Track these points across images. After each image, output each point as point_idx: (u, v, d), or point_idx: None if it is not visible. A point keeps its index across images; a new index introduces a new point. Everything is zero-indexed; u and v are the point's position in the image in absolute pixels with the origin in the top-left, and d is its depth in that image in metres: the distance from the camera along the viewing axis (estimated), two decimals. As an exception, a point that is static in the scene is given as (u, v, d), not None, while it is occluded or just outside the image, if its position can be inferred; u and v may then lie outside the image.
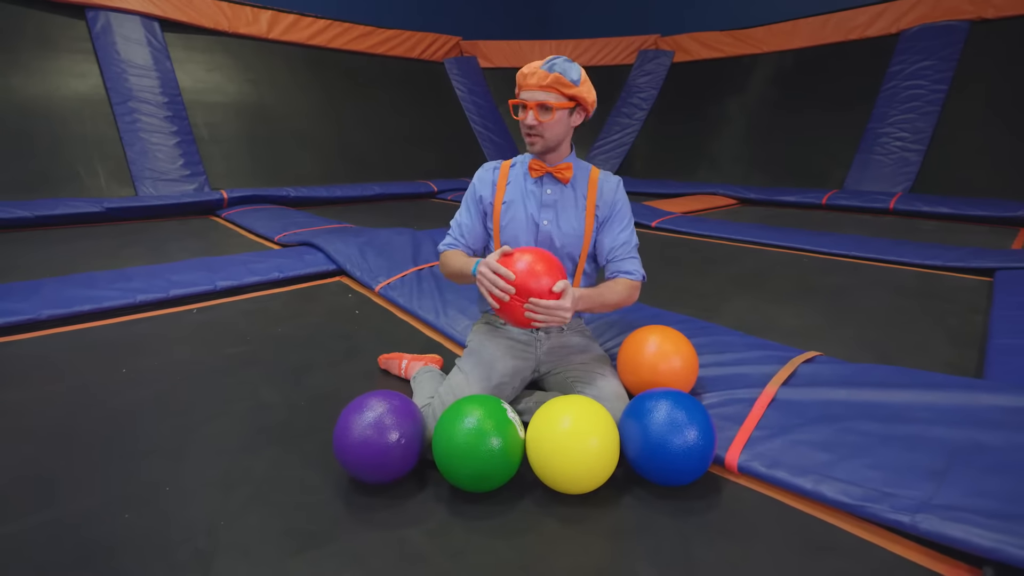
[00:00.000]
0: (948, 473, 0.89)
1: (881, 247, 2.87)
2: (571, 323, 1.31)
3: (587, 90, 1.19)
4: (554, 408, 1.01)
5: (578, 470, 0.95)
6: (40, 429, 1.20)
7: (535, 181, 1.26)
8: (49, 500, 0.96)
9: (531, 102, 1.16)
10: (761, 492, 1.01)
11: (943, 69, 5.06)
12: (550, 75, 1.14)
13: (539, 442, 0.98)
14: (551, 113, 1.15)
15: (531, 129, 1.17)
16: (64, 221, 3.83)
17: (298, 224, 3.51)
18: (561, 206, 1.25)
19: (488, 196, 1.28)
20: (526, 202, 1.25)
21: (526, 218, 1.24)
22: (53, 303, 1.78)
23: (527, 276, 1.06)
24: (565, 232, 1.24)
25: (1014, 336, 1.51)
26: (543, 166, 1.23)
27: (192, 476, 1.04)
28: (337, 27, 6.69)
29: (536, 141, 1.19)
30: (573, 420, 0.98)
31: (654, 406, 1.00)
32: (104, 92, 4.84)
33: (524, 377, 1.25)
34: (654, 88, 7.52)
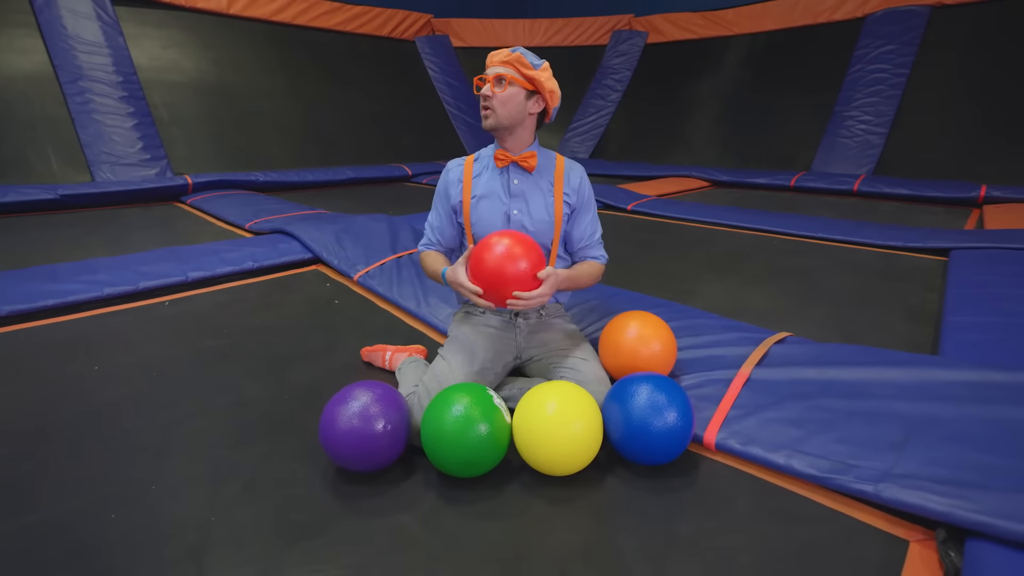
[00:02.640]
0: (906, 445, 0.96)
1: (846, 229, 2.98)
2: (550, 308, 1.34)
3: (546, 77, 1.19)
4: (539, 393, 1.04)
5: (564, 453, 0.99)
6: (13, 430, 1.16)
7: (501, 172, 1.26)
8: (31, 502, 0.94)
9: (489, 75, 1.19)
10: (737, 468, 1.07)
11: (905, 53, 5.22)
12: (512, 54, 1.18)
13: (525, 427, 1.00)
14: (504, 85, 1.17)
15: (485, 100, 1.18)
16: (14, 209, 3.62)
17: (269, 211, 3.42)
18: (530, 195, 1.25)
19: (456, 195, 1.27)
20: (494, 194, 1.25)
21: (496, 210, 1.24)
22: (13, 298, 1.70)
23: (505, 260, 1.07)
24: (536, 220, 1.24)
25: (965, 314, 1.60)
26: (508, 155, 1.23)
27: (178, 473, 1.03)
28: (301, 2, 6.42)
29: (488, 115, 1.19)
30: (558, 405, 1.01)
31: (636, 390, 1.04)
32: (52, 70, 4.55)
33: (506, 363, 1.27)
34: (628, 69, 7.51)
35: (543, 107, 1.23)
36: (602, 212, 3.94)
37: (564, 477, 1.03)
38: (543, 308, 1.31)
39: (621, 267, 2.44)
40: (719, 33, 6.81)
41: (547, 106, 1.23)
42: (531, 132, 1.25)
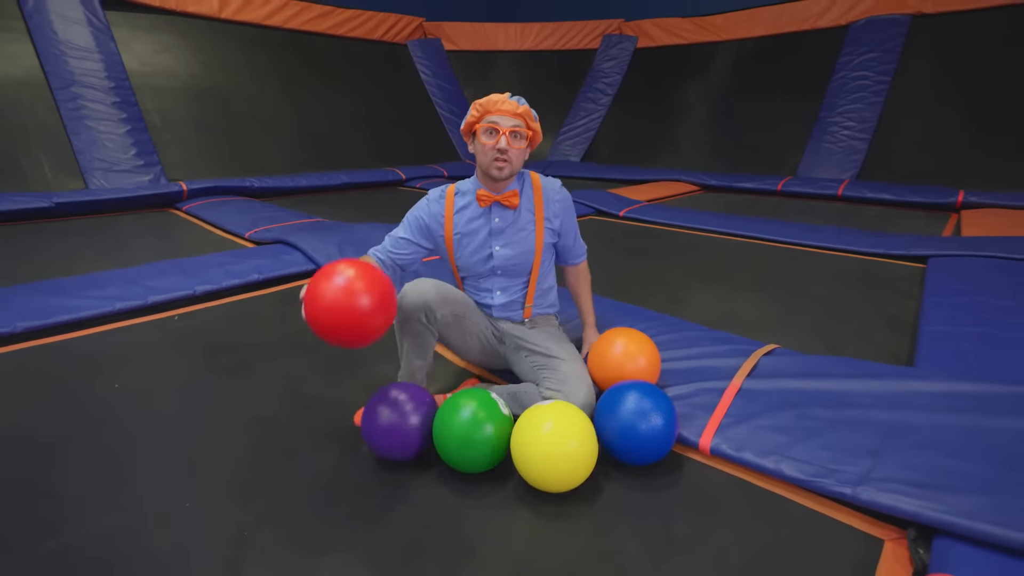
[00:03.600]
0: (882, 451, 1.05)
1: (829, 236, 3.10)
2: (538, 319, 1.41)
3: (539, 128, 1.29)
4: (536, 414, 1.08)
5: (561, 471, 1.03)
6: (40, 449, 1.21)
7: (484, 211, 1.30)
8: (65, 522, 1.00)
9: (505, 127, 1.21)
10: (730, 473, 1.15)
11: (887, 61, 5.37)
12: (521, 107, 1.22)
13: (523, 447, 1.05)
14: (523, 140, 1.24)
15: (502, 154, 1.22)
16: (9, 218, 3.62)
17: (268, 219, 3.45)
18: (511, 230, 1.31)
19: (438, 230, 1.33)
20: (477, 233, 1.31)
21: (479, 248, 1.31)
22: (27, 314, 1.74)
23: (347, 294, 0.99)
24: (519, 253, 1.31)
25: (941, 323, 1.71)
26: (490, 196, 1.28)
27: (208, 490, 1.09)
28: (293, 6, 6.43)
29: (504, 166, 1.23)
30: (554, 424, 1.05)
31: (624, 396, 1.13)
32: (43, 76, 4.52)
33: (489, 354, 1.39)
34: (619, 73, 7.62)
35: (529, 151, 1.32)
36: (595, 218, 4.03)
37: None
38: (529, 322, 1.39)
39: (615, 276, 2.52)
40: (708, 38, 6.94)
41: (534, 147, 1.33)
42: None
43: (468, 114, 1.26)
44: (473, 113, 1.25)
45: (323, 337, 1.02)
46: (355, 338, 1.01)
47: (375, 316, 1.00)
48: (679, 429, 1.20)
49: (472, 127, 1.27)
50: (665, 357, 1.52)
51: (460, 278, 1.41)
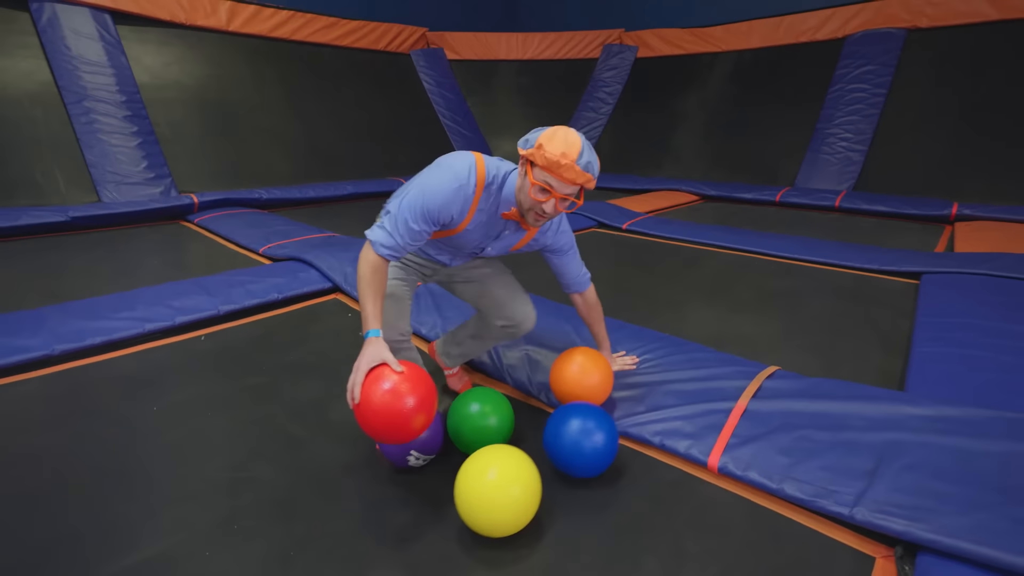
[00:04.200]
0: (876, 473, 1.14)
1: (826, 251, 3.19)
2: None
3: (594, 184, 1.18)
4: (479, 460, 1.08)
5: (506, 518, 1.03)
6: (92, 472, 1.30)
7: (499, 220, 1.26)
8: (121, 547, 1.07)
9: (560, 193, 1.12)
10: (736, 492, 1.24)
11: (883, 74, 5.48)
12: (584, 175, 1.10)
13: (467, 495, 1.04)
14: (572, 207, 1.20)
15: (541, 215, 1.16)
16: (27, 232, 3.70)
17: (280, 234, 3.54)
18: (504, 240, 1.33)
19: (455, 221, 1.21)
20: (481, 233, 1.27)
21: (474, 241, 1.29)
22: (64, 337, 1.83)
23: (393, 401, 1.05)
24: (501, 249, 1.35)
25: (931, 344, 1.81)
26: (516, 218, 1.24)
27: (251, 512, 1.18)
28: (300, 18, 6.52)
29: (541, 219, 1.18)
30: (499, 472, 1.04)
31: (569, 418, 1.25)
32: (56, 91, 4.61)
33: (417, 281, 1.43)
34: (619, 83, 7.72)
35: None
36: (597, 231, 4.13)
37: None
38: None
39: (621, 293, 2.61)
40: (707, 49, 7.05)
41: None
42: None
43: (533, 145, 1.12)
44: (537, 155, 1.10)
45: (372, 436, 1.09)
46: (400, 439, 1.09)
47: (419, 418, 1.07)
48: (682, 446, 1.30)
49: (528, 163, 1.14)
50: (674, 378, 1.61)
51: (428, 248, 1.38)
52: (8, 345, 1.75)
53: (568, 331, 1.93)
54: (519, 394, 1.68)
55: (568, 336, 1.90)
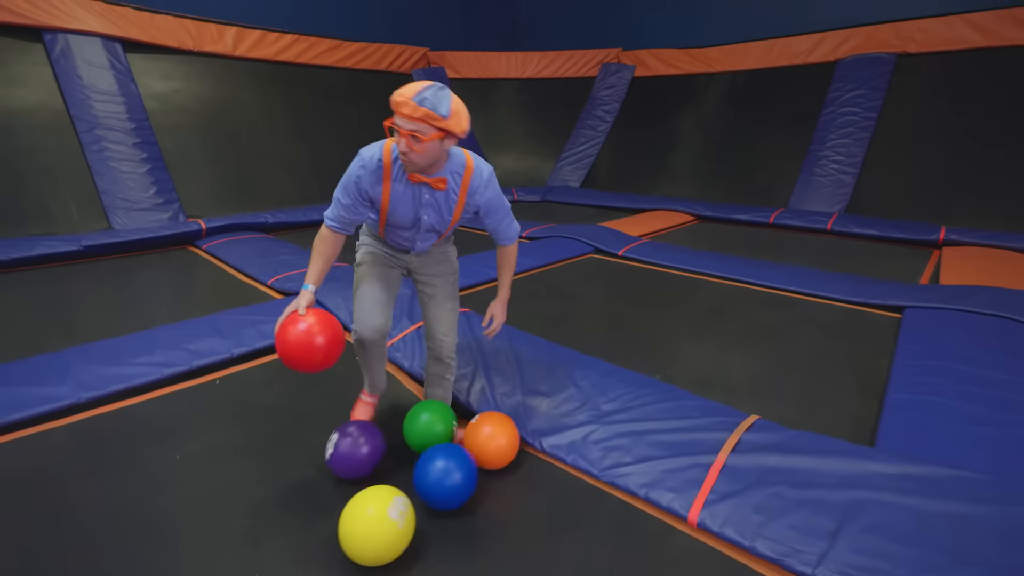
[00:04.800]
0: (838, 533, 1.25)
1: (815, 281, 3.30)
2: (437, 252, 1.65)
3: (456, 122, 1.27)
4: (359, 501, 1.25)
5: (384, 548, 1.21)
6: (122, 522, 1.41)
7: (416, 187, 1.41)
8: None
9: (404, 131, 1.25)
10: (713, 546, 1.35)
11: (873, 98, 5.61)
12: (420, 109, 1.21)
13: (351, 533, 1.20)
14: (421, 143, 1.26)
15: (403, 155, 1.29)
16: (42, 261, 3.83)
17: (287, 264, 3.66)
18: (435, 206, 1.45)
19: (375, 196, 1.42)
20: (408, 201, 1.43)
21: (408, 214, 1.46)
22: (88, 384, 1.94)
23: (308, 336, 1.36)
24: (439, 221, 1.49)
25: (906, 391, 1.91)
26: (420, 178, 1.38)
27: (277, 559, 1.29)
28: (304, 42, 6.67)
29: (409, 164, 1.32)
30: (376, 508, 1.22)
31: (432, 458, 1.43)
32: (69, 120, 4.75)
33: (401, 275, 1.66)
34: (617, 101, 7.86)
35: (457, 138, 1.33)
36: (595, 256, 4.24)
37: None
38: (436, 247, 1.64)
39: (615, 331, 2.72)
40: (703, 69, 7.19)
41: (462, 137, 1.34)
42: (446, 159, 1.39)
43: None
44: (390, 103, 1.27)
45: (287, 366, 1.40)
46: (306, 369, 1.40)
47: (321, 352, 1.38)
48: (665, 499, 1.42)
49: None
50: (660, 428, 1.72)
51: (384, 225, 1.54)
52: (37, 394, 1.87)
53: (562, 377, 2.04)
54: (516, 442, 1.79)
55: (563, 382, 2.00)
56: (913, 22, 5.52)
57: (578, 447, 1.67)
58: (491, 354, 2.21)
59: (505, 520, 1.45)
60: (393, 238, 1.58)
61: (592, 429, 1.73)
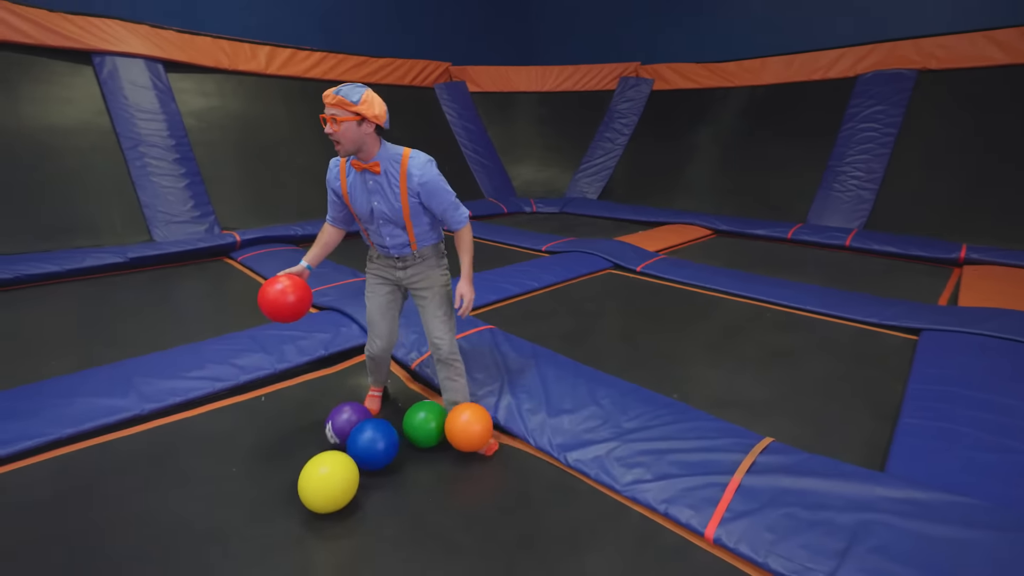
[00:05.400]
0: (847, 554, 1.34)
1: (832, 301, 3.36)
2: (427, 254, 1.89)
3: (368, 107, 1.60)
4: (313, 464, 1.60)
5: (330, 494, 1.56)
6: (190, 532, 1.56)
7: (360, 174, 1.74)
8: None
9: (327, 115, 1.60)
10: (728, 561, 1.46)
11: (893, 114, 5.62)
12: (336, 97, 1.57)
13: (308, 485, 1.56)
14: (338, 124, 1.59)
15: (330, 136, 1.62)
16: (91, 272, 4.08)
17: (319, 277, 3.83)
18: (382, 192, 1.74)
19: (337, 189, 1.81)
20: (360, 191, 1.76)
21: (363, 202, 1.76)
22: (150, 397, 2.12)
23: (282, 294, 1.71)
24: (390, 209, 1.75)
25: (918, 416, 1.99)
26: (360, 164, 1.70)
27: (326, 565, 1.43)
28: (332, 59, 6.93)
29: (338, 147, 1.64)
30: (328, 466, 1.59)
31: (361, 430, 1.77)
32: (115, 138, 5.04)
33: (403, 292, 1.99)
34: (635, 114, 7.96)
35: (375, 124, 1.66)
36: (613, 272, 4.34)
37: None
38: (416, 254, 1.87)
39: (632, 350, 2.82)
40: (721, 84, 7.25)
41: (378, 123, 1.65)
42: (375, 145, 1.68)
43: None
44: None
45: (268, 316, 1.73)
46: (280, 319, 1.74)
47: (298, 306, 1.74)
48: (684, 516, 1.52)
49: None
50: (678, 447, 1.83)
51: (363, 227, 1.87)
52: (104, 405, 2.05)
53: (584, 395, 2.16)
54: (536, 450, 1.92)
55: (585, 400, 2.12)
56: (935, 39, 5.53)
57: (601, 462, 1.79)
58: (516, 372, 2.34)
59: (530, 531, 1.57)
60: (375, 240, 1.88)
61: (614, 446, 1.84)
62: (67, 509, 1.63)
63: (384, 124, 1.67)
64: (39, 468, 1.80)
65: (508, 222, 6.60)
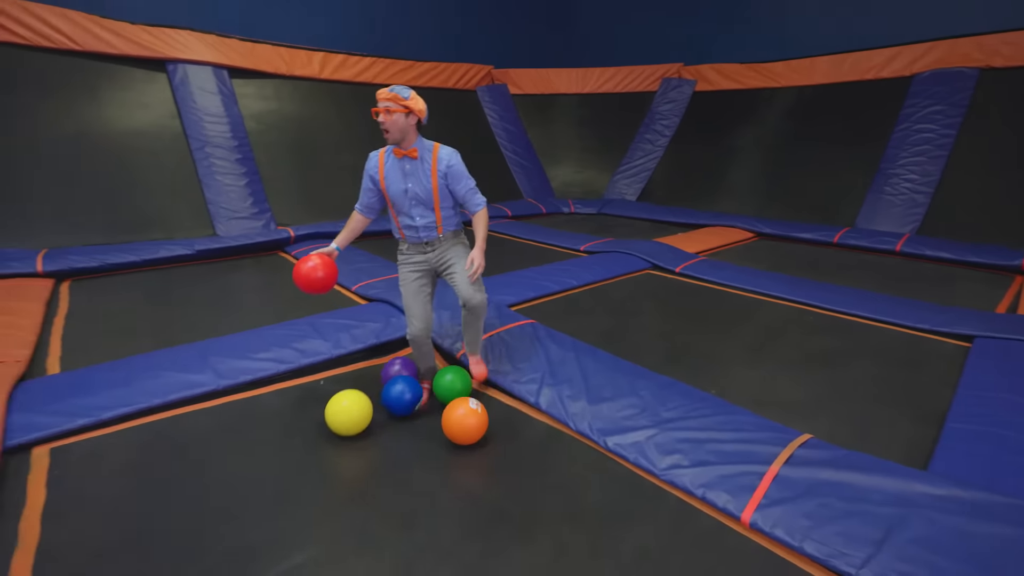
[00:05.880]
0: (884, 542, 1.38)
1: (879, 306, 3.29)
2: (450, 236, 2.18)
3: (415, 102, 1.95)
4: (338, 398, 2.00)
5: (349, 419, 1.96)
6: (262, 490, 1.74)
7: (398, 160, 2.04)
8: (292, 550, 1.50)
9: (380, 108, 1.93)
10: (762, 544, 1.51)
11: (952, 115, 5.39)
12: (390, 93, 1.91)
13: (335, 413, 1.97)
14: (391, 115, 1.92)
15: (381, 124, 1.94)
16: (163, 263, 4.44)
17: (367, 272, 4.05)
18: (415, 176, 2.04)
19: (375, 176, 2.10)
20: (396, 175, 2.05)
21: (398, 186, 2.05)
22: (224, 374, 2.34)
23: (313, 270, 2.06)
24: (422, 190, 2.05)
25: (966, 421, 1.96)
26: (400, 151, 2.02)
27: (379, 525, 1.57)
28: (381, 63, 7.22)
29: (387, 135, 1.95)
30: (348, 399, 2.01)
31: (391, 385, 2.14)
32: (185, 139, 5.45)
33: (432, 276, 2.23)
34: (676, 116, 7.91)
35: (417, 118, 1.99)
36: (652, 273, 4.36)
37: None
38: (441, 238, 2.16)
39: (671, 346, 2.87)
40: (766, 84, 7.12)
41: (420, 118, 1.99)
42: (414, 135, 2.01)
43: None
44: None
45: (301, 288, 2.07)
46: (312, 291, 2.07)
47: (320, 282, 2.06)
48: (721, 500, 1.58)
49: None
50: (716, 438, 1.88)
51: (395, 214, 2.14)
52: (186, 380, 2.29)
53: (624, 386, 2.23)
54: (576, 434, 2.01)
55: (624, 390, 2.20)
56: (998, 35, 5.27)
57: (640, 447, 1.87)
58: (557, 363, 2.44)
59: (574, 507, 1.67)
60: (404, 224, 2.13)
61: (653, 433, 1.92)
62: (159, 466, 1.84)
63: (423, 119, 2.01)
64: (135, 432, 2.04)
65: (546, 222, 6.69)
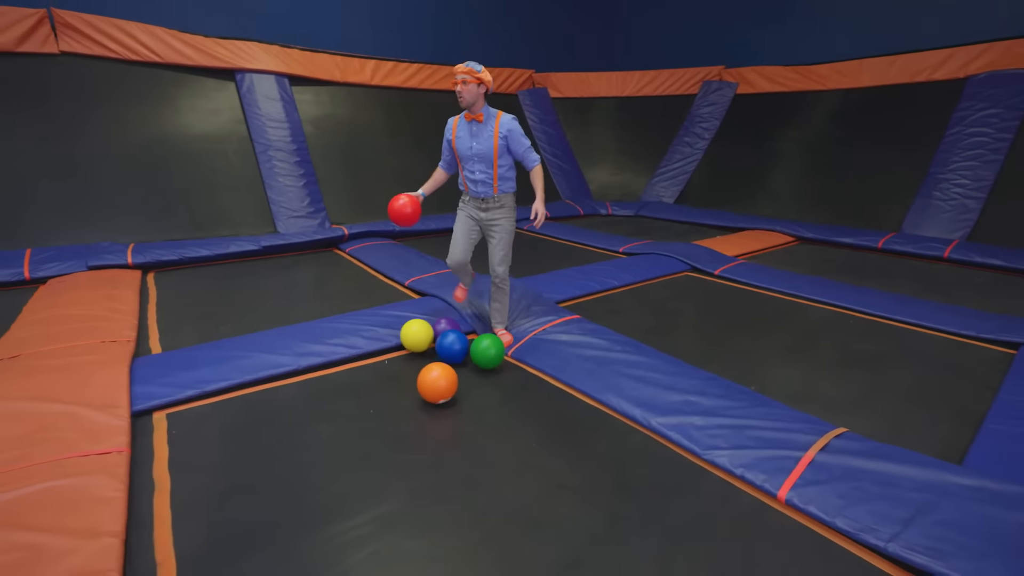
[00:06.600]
0: (912, 522, 1.50)
1: (922, 311, 3.31)
2: (503, 199, 2.67)
3: (485, 75, 2.46)
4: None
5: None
6: (343, 453, 2.00)
7: (468, 123, 2.58)
8: (367, 505, 1.75)
9: (458, 79, 2.45)
10: (797, 519, 1.65)
11: (1009, 118, 5.26)
12: (466, 67, 2.42)
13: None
14: (467, 84, 2.44)
15: (458, 93, 2.46)
16: (232, 257, 4.84)
17: (418, 268, 4.32)
18: (480, 136, 2.55)
19: (449, 137, 2.66)
20: (465, 136, 2.59)
21: (466, 144, 2.58)
22: (302, 355, 2.64)
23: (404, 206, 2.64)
24: (483, 148, 2.55)
25: (1005, 422, 2.03)
26: (470, 115, 2.55)
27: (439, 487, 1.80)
28: (427, 70, 7.54)
29: (461, 100, 2.47)
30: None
31: (446, 337, 2.62)
32: (250, 143, 5.89)
33: (479, 229, 2.77)
34: (716, 119, 7.91)
35: (486, 89, 2.51)
36: (690, 275, 4.46)
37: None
38: (495, 198, 2.65)
39: (711, 346, 2.99)
40: (810, 87, 7.05)
41: (488, 88, 2.51)
42: (482, 103, 2.52)
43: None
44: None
45: (394, 221, 2.66)
46: (402, 223, 2.65)
47: (409, 215, 2.64)
48: (759, 479, 1.73)
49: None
50: (754, 425, 2.03)
51: (461, 168, 2.67)
52: (270, 360, 2.59)
53: (666, 376, 2.39)
54: (621, 416, 2.19)
55: (666, 380, 2.35)
56: (1061, 36, 5.11)
57: (683, 429, 2.03)
58: (604, 353, 2.62)
59: (624, 480, 1.84)
60: (468, 177, 2.64)
61: (694, 419, 2.08)
62: (256, 430, 2.13)
63: (491, 89, 2.53)
64: (233, 402, 2.34)
65: (584, 224, 6.84)
